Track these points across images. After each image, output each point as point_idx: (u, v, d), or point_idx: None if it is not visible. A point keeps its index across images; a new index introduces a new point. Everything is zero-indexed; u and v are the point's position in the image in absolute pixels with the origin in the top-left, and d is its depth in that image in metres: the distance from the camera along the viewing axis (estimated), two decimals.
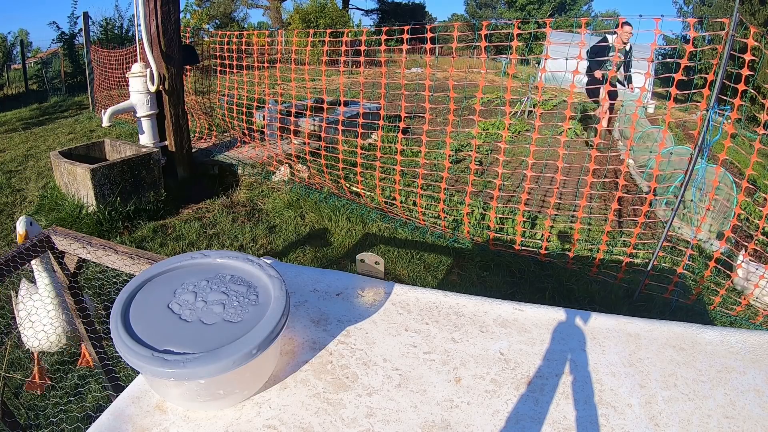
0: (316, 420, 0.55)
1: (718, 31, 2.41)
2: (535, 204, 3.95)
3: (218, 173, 4.30)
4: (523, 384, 0.61)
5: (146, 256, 1.14)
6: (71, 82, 9.95)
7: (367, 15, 23.33)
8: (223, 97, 5.15)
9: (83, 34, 7.48)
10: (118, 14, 13.29)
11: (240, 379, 0.54)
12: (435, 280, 2.81)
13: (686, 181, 2.48)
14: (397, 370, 0.62)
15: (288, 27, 16.62)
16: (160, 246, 3.06)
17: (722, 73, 2.23)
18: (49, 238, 1.22)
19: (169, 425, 0.54)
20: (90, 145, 3.78)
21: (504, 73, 12.64)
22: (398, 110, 4.40)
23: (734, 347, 0.68)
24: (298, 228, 3.35)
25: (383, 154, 3.94)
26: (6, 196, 3.82)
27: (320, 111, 5.23)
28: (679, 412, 0.57)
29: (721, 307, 2.62)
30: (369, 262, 0.81)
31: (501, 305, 0.76)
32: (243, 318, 0.56)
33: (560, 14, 25.91)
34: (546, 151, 4.18)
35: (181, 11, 3.86)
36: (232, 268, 0.66)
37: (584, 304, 2.62)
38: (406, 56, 4.37)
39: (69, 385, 1.83)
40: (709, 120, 2.48)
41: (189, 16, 16.49)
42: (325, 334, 0.69)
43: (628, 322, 0.72)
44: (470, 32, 3.10)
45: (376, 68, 11.74)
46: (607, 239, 2.98)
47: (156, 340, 0.52)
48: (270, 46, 7.98)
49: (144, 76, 3.66)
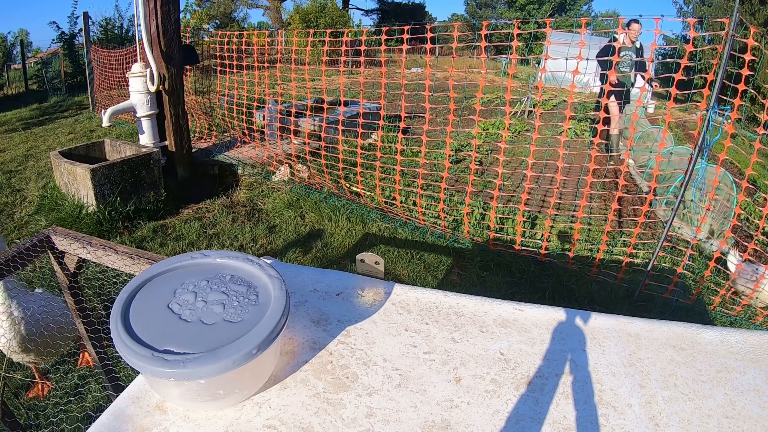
0: (316, 420, 0.55)
1: (718, 31, 2.41)
2: (535, 204, 3.95)
3: (218, 173, 4.30)
4: (523, 384, 0.61)
5: (146, 256, 1.14)
6: (71, 82, 9.95)
7: (367, 15, 23.34)
8: (223, 97, 5.15)
9: (83, 34, 7.49)
10: (118, 14, 13.30)
11: (240, 379, 0.54)
12: (435, 280, 2.81)
13: (686, 181, 2.47)
14: (397, 370, 0.62)
15: (288, 27, 16.62)
16: (160, 246, 3.06)
17: (722, 73, 2.23)
18: (49, 238, 1.22)
19: (169, 425, 0.54)
20: (90, 145, 3.78)
21: (504, 73, 12.65)
22: (398, 110, 4.40)
23: (734, 347, 0.68)
24: (298, 228, 3.35)
25: (383, 154, 3.94)
26: (6, 196, 3.82)
27: (320, 111, 5.23)
28: (679, 412, 0.57)
29: (721, 307, 2.62)
30: (369, 262, 0.81)
31: (501, 305, 0.76)
32: (243, 318, 0.56)
33: (560, 14, 25.91)
34: (546, 151, 4.18)
35: (181, 11, 3.86)
36: (232, 268, 0.66)
37: (584, 304, 2.62)
38: (406, 56, 4.37)
39: (69, 385, 1.83)
40: (709, 120, 2.48)
41: (189, 16, 16.49)
42: (325, 334, 0.69)
43: (628, 322, 0.72)
44: (470, 32, 3.10)
45: (376, 68, 11.75)
46: (607, 239, 2.98)
47: (156, 340, 0.52)
48: (270, 46, 7.98)
49: (144, 76, 3.66)
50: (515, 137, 6.32)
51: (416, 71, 11.90)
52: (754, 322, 2.57)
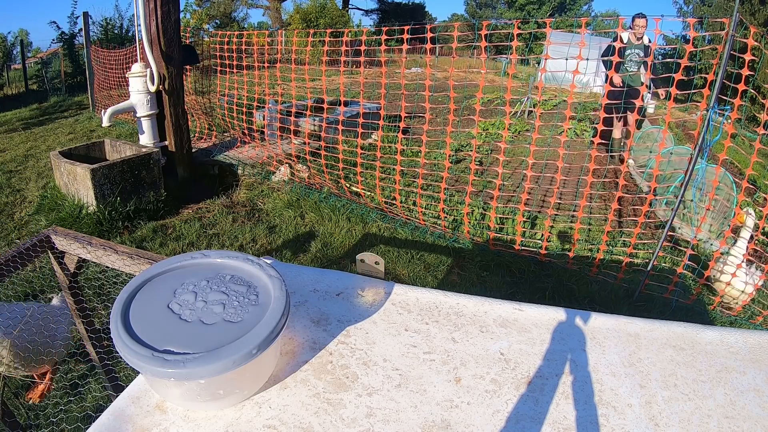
0: (316, 420, 0.55)
1: (718, 31, 2.41)
2: (535, 204, 3.95)
3: (218, 173, 4.30)
4: (523, 384, 0.61)
5: (146, 256, 1.14)
6: (71, 82, 9.95)
7: (367, 15, 23.33)
8: (223, 97, 5.15)
9: (83, 34, 7.49)
10: (118, 14, 13.31)
11: (240, 379, 0.54)
12: (435, 280, 2.81)
13: (686, 181, 2.48)
14: (397, 370, 0.62)
15: (288, 27, 16.62)
16: (160, 246, 3.06)
17: (722, 73, 2.23)
18: (49, 238, 1.22)
19: (169, 425, 0.54)
20: (90, 145, 3.78)
21: (504, 73, 12.65)
22: (398, 110, 4.40)
23: (734, 347, 0.68)
24: (298, 228, 3.35)
25: (383, 154, 3.94)
26: (6, 196, 3.82)
27: (320, 111, 5.23)
28: (679, 412, 0.57)
29: (720, 307, 2.62)
30: (369, 262, 0.81)
31: (501, 305, 0.76)
32: (243, 318, 0.56)
33: (560, 14, 25.92)
34: (546, 151, 4.17)
35: (181, 11, 3.86)
36: (232, 268, 0.66)
37: (584, 304, 2.62)
38: (406, 56, 4.37)
39: (69, 385, 1.83)
40: (709, 120, 2.48)
41: (189, 16, 16.49)
42: (325, 334, 0.69)
43: (628, 322, 0.72)
44: (470, 32, 3.10)
45: (376, 68, 11.75)
46: (607, 239, 2.98)
47: (156, 340, 0.52)
48: (270, 46, 7.98)
49: (144, 76, 3.66)
50: (515, 137, 6.32)
51: (416, 71, 11.90)
52: (754, 322, 2.57)
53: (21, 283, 2.39)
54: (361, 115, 3.78)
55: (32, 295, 2.34)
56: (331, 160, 3.91)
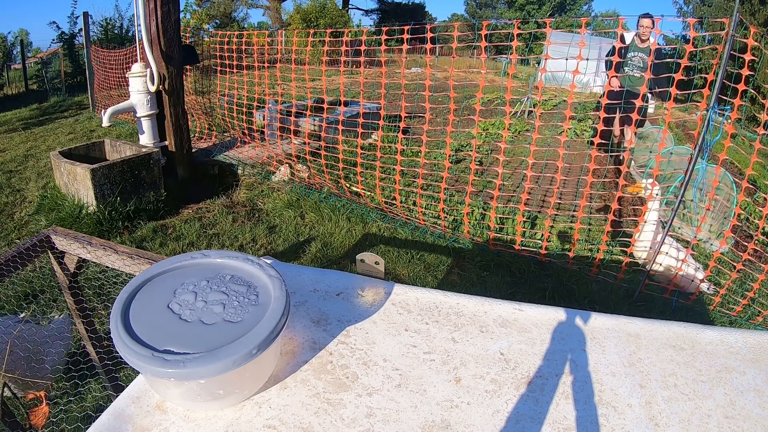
0: (316, 420, 0.55)
1: (718, 31, 2.41)
2: (535, 204, 3.95)
3: (218, 173, 4.30)
4: (523, 384, 0.61)
5: (146, 256, 1.14)
6: (71, 82, 9.95)
7: (367, 15, 23.31)
8: (223, 97, 5.15)
9: (83, 34, 7.49)
10: (118, 14, 13.30)
11: (240, 379, 0.54)
12: (435, 280, 2.81)
13: (686, 181, 2.47)
14: (397, 370, 0.62)
15: (288, 27, 16.62)
16: (160, 246, 3.06)
17: (722, 73, 2.23)
18: (49, 238, 1.22)
19: (169, 425, 0.54)
20: (90, 145, 3.78)
21: (504, 73, 12.63)
22: (398, 110, 4.40)
23: (734, 347, 0.68)
24: (298, 228, 3.35)
25: (383, 154, 3.94)
26: (6, 196, 3.82)
27: (320, 111, 5.23)
28: (679, 412, 0.57)
29: (721, 307, 2.62)
30: (369, 262, 0.81)
31: (501, 305, 0.76)
32: (243, 318, 0.56)
33: (560, 14, 25.91)
34: (546, 151, 4.17)
35: (181, 11, 3.86)
36: (232, 268, 0.66)
37: (584, 304, 2.62)
38: (406, 56, 4.37)
39: (69, 385, 1.83)
40: (709, 120, 2.48)
41: (189, 16, 16.49)
42: (325, 334, 0.69)
43: (628, 322, 0.72)
44: (470, 32, 3.10)
45: (376, 68, 11.74)
46: (607, 239, 2.98)
47: (156, 340, 0.52)
48: (270, 46, 7.98)
49: (144, 76, 3.66)
50: (515, 137, 6.32)
51: (416, 71, 11.90)
52: (754, 322, 2.57)
53: (21, 283, 2.39)
54: (361, 115, 3.78)
55: (32, 295, 2.34)
56: (331, 160, 3.91)
